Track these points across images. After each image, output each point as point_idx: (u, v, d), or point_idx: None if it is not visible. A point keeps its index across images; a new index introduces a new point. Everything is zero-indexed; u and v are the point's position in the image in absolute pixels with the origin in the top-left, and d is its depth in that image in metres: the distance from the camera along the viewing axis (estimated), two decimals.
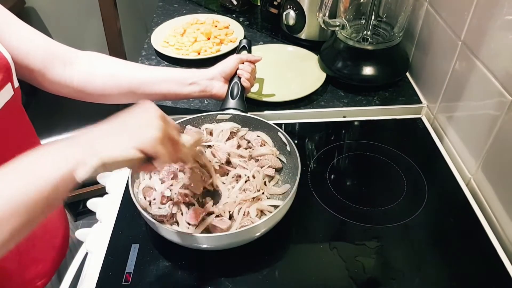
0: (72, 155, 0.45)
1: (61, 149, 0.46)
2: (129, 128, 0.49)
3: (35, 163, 0.45)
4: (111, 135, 0.48)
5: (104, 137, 0.48)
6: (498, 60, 0.66)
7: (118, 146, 0.47)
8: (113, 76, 0.75)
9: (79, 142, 0.47)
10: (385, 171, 0.78)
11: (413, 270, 0.62)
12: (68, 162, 0.44)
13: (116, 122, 0.50)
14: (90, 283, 0.60)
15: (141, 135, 0.48)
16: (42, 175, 0.44)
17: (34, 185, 0.43)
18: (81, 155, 0.45)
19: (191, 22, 1.17)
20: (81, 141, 0.47)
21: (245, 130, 0.75)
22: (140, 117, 0.50)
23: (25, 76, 0.67)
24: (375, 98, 0.93)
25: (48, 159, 0.45)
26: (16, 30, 0.65)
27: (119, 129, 0.49)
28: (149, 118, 0.50)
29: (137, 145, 0.47)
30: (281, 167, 0.72)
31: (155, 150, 0.48)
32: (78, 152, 0.45)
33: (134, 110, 0.51)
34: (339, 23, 0.93)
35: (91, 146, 0.46)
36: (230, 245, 0.61)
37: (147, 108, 0.51)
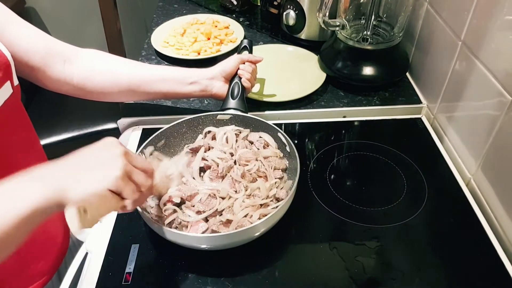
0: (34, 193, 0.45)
1: (24, 185, 0.46)
2: (92, 166, 0.49)
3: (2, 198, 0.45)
4: (76, 176, 0.47)
5: (68, 177, 0.47)
6: (498, 60, 0.66)
7: (87, 185, 0.46)
8: (113, 74, 0.75)
9: (43, 179, 0.46)
10: (385, 171, 0.78)
11: (413, 270, 0.62)
12: (30, 199, 0.44)
13: (80, 158, 0.50)
14: (90, 283, 0.60)
15: (104, 175, 0.48)
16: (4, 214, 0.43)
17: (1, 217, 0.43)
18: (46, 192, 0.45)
19: (191, 22, 1.17)
20: (45, 177, 0.47)
21: (247, 131, 0.75)
22: (102, 154, 0.50)
23: (25, 73, 0.67)
24: (375, 98, 0.93)
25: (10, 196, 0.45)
26: (16, 28, 0.65)
27: (83, 167, 0.49)
28: (110, 156, 0.49)
29: (101, 184, 0.47)
30: (286, 168, 0.72)
31: (120, 189, 0.48)
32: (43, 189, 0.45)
33: (97, 145, 0.51)
34: (339, 23, 0.93)
35: (56, 182, 0.46)
36: (230, 245, 0.61)
37: (108, 145, 0.51)
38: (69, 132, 1.48)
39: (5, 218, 0.43)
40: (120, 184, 0.48)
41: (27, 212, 0.44)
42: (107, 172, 0.48)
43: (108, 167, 0.48)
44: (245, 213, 0.62)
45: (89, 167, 0.48)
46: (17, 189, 0.45)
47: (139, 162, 0.52)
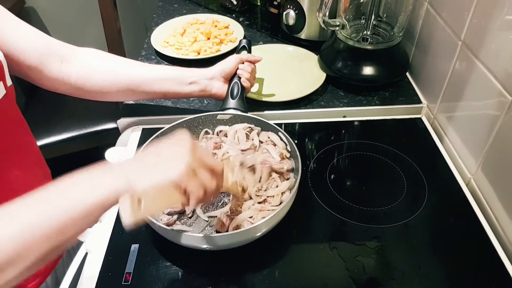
0: (105, 182, 0.46)
1: (94, 176, 0.47)
2: (160, 160, 0.49)
3: (67, 190, 0.46)
4: (144, 169, 0.49)
5: (136, 170, 0.48)
6: (498, 60, 0.66)
7: (151, 177, 0.47)
8: (112, 74, 0.75)
9: (113, 171, 0.48)
10: (385, 171, 0.78)
11: (413, 270, 0.62)
12: (102, 188, 0.45)
13: (152, 153, 0.51)
14: (90, 283, 0.60)
15: (169, 168, 0.48)
16: (74, 201, 0.44)
17: (66, 211, 0.44)
18: (115, 183, 0.46)
19: (191, 22, 1.17)
20: (115, 170, 0.48)
21: (258, 129, 0.75)
22: (172, 149, 0.51)
23: (23, 73, 0.67)
24: (375, 98, 0.93)
25: (81, 186, 0.46)
26: (12, 27, 0.65)
27: (153, 162, 0.50)
28: (179, 151, 0.50)
29: (165, 177, 0.47)
30: (292, 169, 0.71)
31: (184, 184, 0.48)
32: (112, 180, 0.46)
33: (169, 140, 0.52)
34: (339, 23, 0.93)
35: (125, 175, 0.47)
36: (231, 245, 0.61)
37: (179, 140, 0.51)
38: (69, 132, 1.48)
39: (75, 205, 0.44)
40: (183, 178, 0.47)
41: (97, 201, 0.44)
42: (171, 165, 0.48)
43: (174, 161, 0.48)
44: (250, 214, 0.62)
45: (157, 162, 0.49)
46: (90, 179, 0.46)
47: (208, 160, 0.52)
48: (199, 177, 0.50)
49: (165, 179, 0.47)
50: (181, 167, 0.48)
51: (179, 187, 0.48)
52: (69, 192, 0.45)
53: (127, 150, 0.81)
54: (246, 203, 0.64)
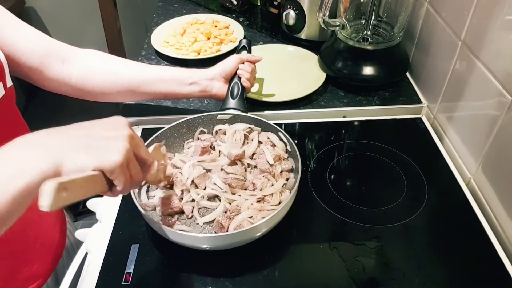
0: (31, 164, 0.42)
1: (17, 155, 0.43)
2: (93, 144, 0.46)
3: None
4: (75, 148, 0.45)
5: (67, 148, 0.45)
6: (498, 60, 0.66)
7: (81, 161, 0.44)
8: (112, 75, 0.75)
9: (37, 147, 0.44)
10: (385, 171, 0.78)
11: (413, 270, 0.62)
12: (26, 173, 0.42)
13: (83, 131, 0.47)
14: (90, 283, 0.60)
15: (104, 156, 0.45)
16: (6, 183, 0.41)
17: None
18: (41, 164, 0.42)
19: (191, 22, 1.17)
20: (40, 145, 0.44)
21: (258, 130, 0.75)
22: (107, 133, 0.47)
23: (23, 74, 0.67)
24: (375, 98, 0.93)
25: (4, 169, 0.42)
26: (13, 28, 0.65)
27: (84, 143, 0.46)
28: (115, 137, 0.47)
29: (97, 165, 0.44)
30: (291, 169, 0.71)
31: (114, 175, 0.45)
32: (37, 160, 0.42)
33: (104, 121, 0.49)
34: (339, 23, 0.93)
35: (52, 154, 0.43)
36: (231, 245, 0.61)
37: (116, 123, 0.49)
38: None
39: (8, 187, 0.41)
40: (116, 171, 0.45)
41: (22, 188, 0.41)
42: (106, 153, 0.45)
43: (109, 149, 0.45)
44: (250, 214, 0.62)
45: (90, 143, 0.46)
46: (19, 156, 0.43)
47: (142, 151, 0.50)
48: (129, 169, 0.47)
49: (97, 167, 0.44)
50: (116, 157, 0.45)
51: (108, 177, 0.45)
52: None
53: None
54: (246, 202, 0.64)
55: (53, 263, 0.75)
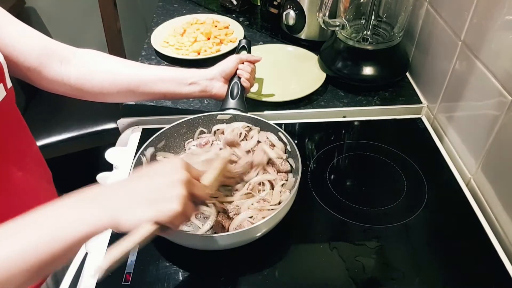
0: (89, 217, 0.44)
1: (79, 208, 0.45)
2: (149, 196, 0.46)
3: (51, 221, 0.44)
4: (131, 203, 0.46)
5: (123, 204, 0.46)
6: (498, 60, 0.66)
7: (135, 217, 0.45)
8: (112, 75, 0.75)
9: (100, 202, 0.46)
10: (385, 171, 0.78)
11: (413, 270, 0.62)
12: (85, 224, 0.43)
13: (138, 183, 0.48)
14: (89, 283, 0.60)
15: (161, 208, 0.45)
16: (57, 236, 0.43)
17: (47, 243, 0.42)
18: (101, 218, 0.44)
19: (191, 22, 1.17)
20: (102, 200, 0.46)
21: (257, 129, 0.75)
22: (163, 181, 0.47)
23: (21, 74, 0.67)
24: (375, 98, 0.93)
25: (66, 217, 0.44)
26: (11, 28, 0.64)
27: (140, 196, 0.46)
28: (171, 184, 0.47)
29: (154, 218, 0.45)
30: (289, 170, 0.72)
31: (172, 223, 0.46)
32: (98, 213, 0.44)
33: (160, 168, 0.50)
34: (339, 23, 0.93)
35: (110, 211, 0.45)
36: (231, 245, 0.61)
37: (172, 168, 0.49)
38: (69, 132, 1.48)
39: (58, 239, 0.42)
40: (174, 220, 0.46)
41: (81, 236, 0.43)
42: (163, 205, 0.45)
43: (165, 199, 0.46)
44: (250, 215, 0.62)
45: (145, 195, 0.46)
46: (73, 212, 0.45)
47: (199, 191, 0.50)
48: (185, 212, 0.47)
49: (154, 219, 0.45)
50: (172, 207, 0.45)
51: (161, 223, 0.46)
52: (52, 224, 0.44)
53: (127, 150, 0.81)
54: (246, 202, 0.64)
55: None
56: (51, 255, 0.42)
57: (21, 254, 0.41)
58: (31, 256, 0.42)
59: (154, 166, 0.50)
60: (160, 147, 0.72)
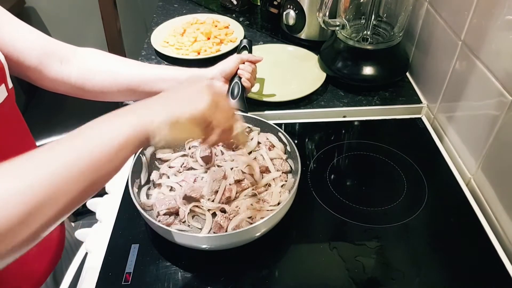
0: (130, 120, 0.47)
1: (120, 115, 0.47)
2: (182, 97, 0.51)
3: (97, 128, 0.46)
4: (166, 105, 0.50)
5: (162, 103, 0.50)
6: (498, 60, 0.66)
7: (178, 110, 0.49)
8: (112, 74, 0.74)
9: (140, 108, 0.49)
10: (385, 171, 0.78)
11: (413, 270, 0.62)
12: (128, 125, 0.46)
13: (167, 95, 0.52)
14: (90, 283, 0.60)
15: (197, 103, 0.50)
16: (105, 136, 0.45)
17: (99, 145, 0.44)
18: (144, 118, 0.47)
19: (191, 22, 1.17)
20: (140, 108, 0.49)
21: (257, 131, 0.75)
22: (194, 90, 0.53)
23: (22, 73, 0.67)
24: (375, 98, 0.93)
25: (110, 123, 0.47)
26: (11, 28, 0.64)
27: (174, 99, 0.51)
28: (200, 89, 0.52)
29: (190, 112, 0.49)
30: (289, 170, 0.72)
31: (210, 112, 0.50)
32: (142, 115, 0.47)
33: (184, 84, 0.54)
34: (339, 23, 0.93)
35: (153, 110, 0.48)
36: (230, 245, 0.61)
37: (199, 83, 0.54)
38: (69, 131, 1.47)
39: (107, 140, 0.44)
40: (209, 109, 0.50)
41: (128, 136, 0.45)
42: (194, 102, 0.50)
43: (196, 98, 0.51)
44: (249, 215, 0.62)
45: (177, 99, 0.51)
46: (116, 118, 0.47)
47: (223, 100, 0.54)
48: (220, 113, 0.52)
49: (193, 110, 0.49)
50: (205, 99, 0.50)
51: (205, 119, 0.50)
52: (99, 129, 0.46)
53: None
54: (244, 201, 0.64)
55: (51, 264, 0.75)
56: (102, 159, 0.43)
57: (73, 159, 0.42)
58: (85, 159, 0.42)
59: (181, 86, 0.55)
60: (159, 146, 0.72)
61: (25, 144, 0.69)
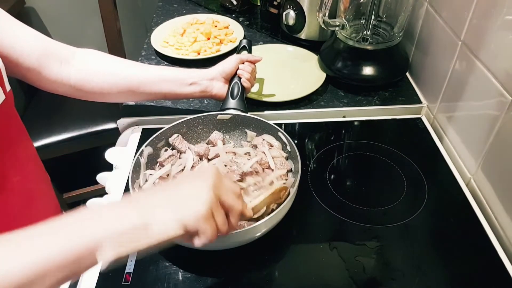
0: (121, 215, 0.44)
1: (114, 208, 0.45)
2: (177, 199, 0.47)
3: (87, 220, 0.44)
4: (157, 206, 0.46)
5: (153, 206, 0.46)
6: (498, 60, 0.66)
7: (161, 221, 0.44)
8: (112, 75, 0.74)
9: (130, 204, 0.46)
10: (385, 171, 0.78)
11: (413, 270, 0.62)
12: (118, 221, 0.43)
13: (168, 189, 0.49)
14: (90, 283, 0.60)
15: (186, 209, 0.46)
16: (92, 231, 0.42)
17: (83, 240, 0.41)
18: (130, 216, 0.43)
19: (191, 22, 1.17)
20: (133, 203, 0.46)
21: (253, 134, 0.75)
22: (193, 186, 0.48)
23: (21, 75, 0.67)
24: (375, 98, 0.93)
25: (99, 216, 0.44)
26: (10, 29, 0.64)
27: (167, 200, 0.47)
28: (200, 187, 0.47)
29: (179, 219, 0.45)
30: (290, 169, 0.71)
31: (197, 226, 0.45)
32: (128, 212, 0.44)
33: (191, 174, 0.50)
34: (339, 23, 0.93)
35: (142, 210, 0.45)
36: (230, 245, 0.61)
37: (203, 174, 0.49)
38: (69, 132, 1.47)
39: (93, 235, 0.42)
40: (199, 223, 0.45)
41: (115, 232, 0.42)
42: (189, 207, 0.45)
43: (192, 202, 0.46)
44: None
45: (174, 201, 0.47)
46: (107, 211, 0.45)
47: (229, 199, 0.49)
48: (215, 219, 0.47)
49: (180, 221, 0.44)
50: (198, 209, 0.45)
51: (187, 227, 0.45)
52: (87, 222, 0.43)
53: (127, 150, 0.81)
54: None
55: None
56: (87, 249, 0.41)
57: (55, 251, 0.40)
58: (67, 252, 0.41)
59: (189, 174, 0.51)
60: (159, 147, 0.72)
61: (24, 148, 0.69)
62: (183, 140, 0.74)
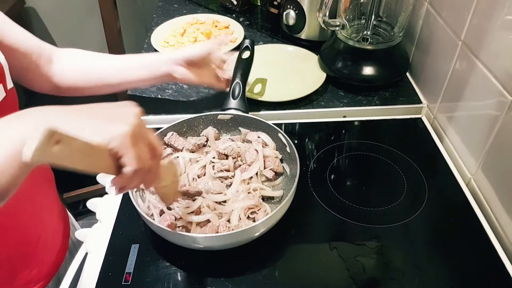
0: (19, 132, 0.38)
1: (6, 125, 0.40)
2: (97, 117, 0.42)
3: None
4: (74, 118, 0.41)
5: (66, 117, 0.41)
6: (498, 60, 0.66)
7: (78, 127, 0.39)
8: (84, 69, 0.77)
9: (31, 117, 0.40)
10: (385, 171, 0.78)
11: (413, 270, 0.62)
12: (13, 140, 0.38)
13: (85, 109, 0.44)
14: (90, 283, 0.60)
15: (110, 127, 0.41)
16: None
17: None
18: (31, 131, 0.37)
19: (191, 22, 1.17)
20: (34, 115, 0.40)
21: (247, 131, 0.75)
22: (114, 111, 0.44)
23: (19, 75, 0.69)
24: (375, 98, 0.93)
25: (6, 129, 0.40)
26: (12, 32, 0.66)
27: (86, 115, 0.42)
28: (123, 112, 0.44)
29: (101, 136, 0.40)
30: (282, 172, 0.72)
31: (122, 146, 0.41)
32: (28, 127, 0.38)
33: (111, 104, 0.46)
34: (339, 23, 0.93)
35: (46, 120, 0.39)
36: (230, 245, 0.61)
37: (125, 105, 0.46)
38: None
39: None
40: (123, 142, 0.41)
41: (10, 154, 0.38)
42: (113, 124, 0.41)
43: (115, 120, 0.42)
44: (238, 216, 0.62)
45: (95, 116, 0.42)
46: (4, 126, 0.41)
47: (151, 136, 0.46)
48: (138, 148, 0.42)
49: (99, 135, 0.40)
50: (124, 128, 0.41)
51: (113, 151, 0.41)
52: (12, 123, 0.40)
53: None
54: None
55: (55, 267, 0.75)
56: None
57: None
58: None
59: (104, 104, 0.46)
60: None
61: None
62: (179, 138, 0.74)
